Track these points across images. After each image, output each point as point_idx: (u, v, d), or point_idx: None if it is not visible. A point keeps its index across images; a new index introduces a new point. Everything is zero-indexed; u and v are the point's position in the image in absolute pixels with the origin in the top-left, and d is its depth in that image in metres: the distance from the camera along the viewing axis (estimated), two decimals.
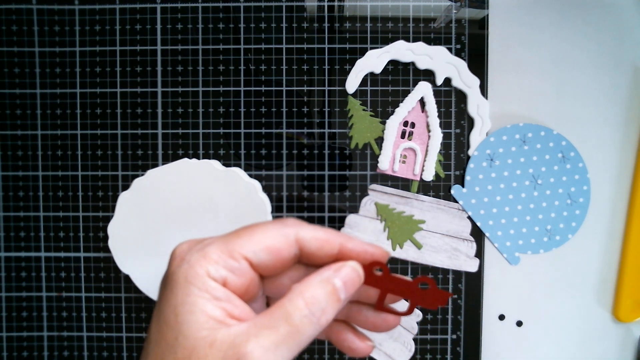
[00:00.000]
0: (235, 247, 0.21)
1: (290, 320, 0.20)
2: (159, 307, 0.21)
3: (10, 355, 0.43)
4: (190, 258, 0.21)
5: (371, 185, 0.42)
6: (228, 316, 0.20)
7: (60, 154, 0.42)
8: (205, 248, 0.21)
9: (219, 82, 0.42)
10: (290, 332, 0.20)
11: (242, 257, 0.21)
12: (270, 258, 0.22)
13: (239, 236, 0.22)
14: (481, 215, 0.42)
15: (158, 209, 0.40)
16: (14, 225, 0.43)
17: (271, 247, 0.22)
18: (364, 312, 0.25)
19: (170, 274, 0.21)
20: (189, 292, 0.20)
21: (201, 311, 0.20)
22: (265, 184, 0.42)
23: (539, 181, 0.41)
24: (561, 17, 0.42)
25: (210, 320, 0.20)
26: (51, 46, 0.42)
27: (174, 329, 0.20)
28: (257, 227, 0.22)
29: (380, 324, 0.25)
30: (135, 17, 0.42)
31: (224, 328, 0.20)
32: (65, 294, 0.43)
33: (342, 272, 0.22)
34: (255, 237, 0.22)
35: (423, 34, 0.41)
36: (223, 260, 0.21)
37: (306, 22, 0.42)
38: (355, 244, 0.23)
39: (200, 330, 0.19)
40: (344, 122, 0.42)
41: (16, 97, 0.42)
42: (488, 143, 0.42)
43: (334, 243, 0.23)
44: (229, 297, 0.21)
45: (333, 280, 0.21)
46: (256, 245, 0.22)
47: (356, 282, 0.22)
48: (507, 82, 0.42)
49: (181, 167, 0.40)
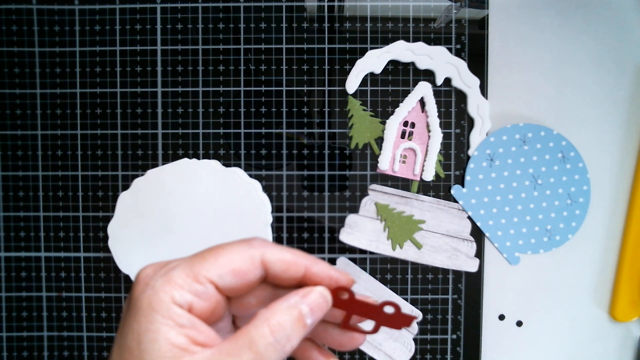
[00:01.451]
0: (201, 270, 0.21)
1: (255, 347, 0.20)
2: (122, 332, 0.21)
3: (10, 355, 0.43)
4: (155, 283, 0.21)
5: (371, 185, 0.42)
6: (192, 343, 0.20)
7: (60, 154, 0.42)
8: (170, 272, 0.21)
9: (219, 82, 0.42)
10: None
11: (207, 280, 0.21)
12: (236, 281, 0.22)
13: (204, 259, 0.22)
14: (481, 215, 0.42)
15: (158, 209, 0.40)
16: (14, 225, 0.43)
17: (237, 270, 0.22)
18: (330, 331, 0.25)
19: (134, 299, 0.21)
20: (153, 319, 0.20)
21: (164, 339, 0.19)
22: (265, 184, 0.42)
23: (539, 181, 0.41)
24: (561, 17, 0.42)
25: (174, 349, 0.19)
26: (51, 46, 0.42)
27: (137, 357, 0.19)
28: (222, 249, 0.22)
29: (346, 342, 0.25)
30: (135, 17, 0.42)
31: (188, 356, 0.19)
32: (65, 294, 0.43)
33: (309, 298, 0.22)
34: (220, 260, 0.21)
35: (423, 34, 0.41)
36: (188, 285, 0.21)
37: (306, 22, 0.42)
38: (320, 268, 0.23)
39: (162, 359, 0.19)
40: (344, 122, 0.42)
41: (16, 97, 0.42)
42: (488, 143, 0.42)
43: (300, 266, 0.23)
44: (194, 324, 0.20)
45: (300, 307, 0.21)
46: (222, 268, 0.21)
47: (323, 307, 0.22)
48: (507, 82, 0.42)
49: (181, 167, 0.40)
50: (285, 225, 0.42)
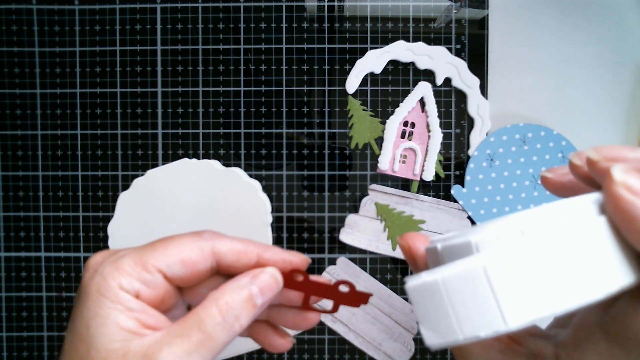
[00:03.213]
0: (150, 259, 0.21)
1: (203, 327, 0.20)
2: (72, 319, 0.21)
3: (10, 355, 0.43)
4: (103, 270, 0.21)
5: (371, 185, 0.42)
6: (142, 326, 0.20)
7: (60, 154, 0.42)
8: (119, 260, 0.21)
9: (219, 82, 0.42)
10: (203, 340, 0.20)
11: (156, 269, 0.21)
12: (185, 271, 0.22)
13: (154, 248, 0.22)
14: (481, 215, 0.42)
15: (158, 209, 0.40)
16: (14, 225, 0.43)
17: (186, 260, 0.22)
18: (284, 312, 0.25)
19: (83, 286, 0.21)
20: (101, 304, 0.20)
21: (113, 323, 0.20)
22: (265, 184, 0.42)
23: (539, 181, 0.41)
24: (561, 17, 0.42)
25: (123, 332, 0.20)
26: (51, 46, 0.42)
27: (86, 342, 0.20)
28: (173, 239, 0.22)
29: (301, 322, 0.25)
30: (135, 17, 0.42)
31: (138, 339, 0.20)
32: (65, 294, 0.43)
33: (259, 279, 0.22)
34: (169, 250, 0.22)
35: (423, 34, 0.41)
36: (136, 273, 0.21)
37: (306, 22, 0.42)
38: (272, 253, 0.23)
39: (112, 342, 0.19)
40: (344, 122, 0.42)
41: (16, 97, 0.42)
42: (488, 143, 0.42)
43: (252, 254, 0.23)
44: (143, 308, 0.21)
45: (250, 287, 0.22)
46: (170, 258, 0.22)
47: (274, 287, 0.22)
48: (507, 82, 0.42)
49: (181, 167, 0.40)
50: (285, 225, 0.42)
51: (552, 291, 0.15)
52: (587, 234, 0.15)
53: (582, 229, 0.15)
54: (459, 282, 0.15)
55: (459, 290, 0.15)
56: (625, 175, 0.15)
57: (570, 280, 0.15)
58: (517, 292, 0.15)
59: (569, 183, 0.19)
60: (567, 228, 0.15)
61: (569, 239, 0.15)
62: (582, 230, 0.15)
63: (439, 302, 0.15)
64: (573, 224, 0.15)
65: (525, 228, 0.16)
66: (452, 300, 0.15)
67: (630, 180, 0.15)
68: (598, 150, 0.17)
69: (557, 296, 0.15)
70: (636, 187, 0.15)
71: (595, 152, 0.17)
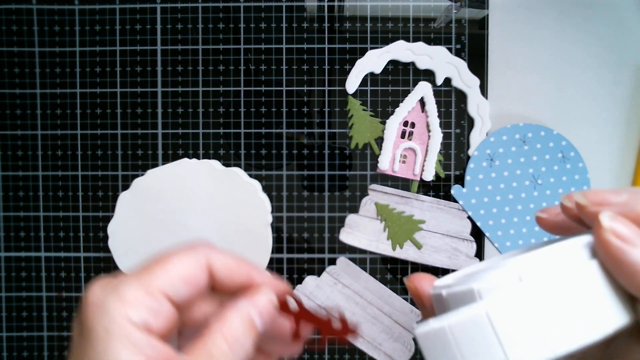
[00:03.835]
0: (152, 282, 0.20)
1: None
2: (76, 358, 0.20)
3: (10, 355, 0.43)
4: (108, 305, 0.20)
5: (371, 185, 0.42)
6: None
7: (60, 154, 0.42)
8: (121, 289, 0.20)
9: (219, 82, 0.42)
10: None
11: (160, 292, 0.20)
12: (188, 289, 0.21)
13: (151, 271, 0.21)
14: (481, 215, 0.42)
15: (158, 209, 0.40)
16: (14, 225, 0.43)
17: (188, 277, 0.21)
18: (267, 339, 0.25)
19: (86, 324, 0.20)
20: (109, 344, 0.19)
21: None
22: (265, 184, 0.42)
23: (539, 181, 0.41)
24: (561, 17, 0.42)
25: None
26: (51, 46, 0.42)
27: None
28: (168, 257, 0.22)
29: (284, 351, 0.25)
30: (135, 17, 0.42)
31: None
32: (65, 294, 0.43)
33: (258, 303, 0.22)
34: (169, 268, 0.21)
35: (423, 34, 0.41)
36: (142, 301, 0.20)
37: (306, 22, 0.42)
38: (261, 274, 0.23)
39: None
40: (344, 122, 0.42)
41: (16, 97, 0.42)
42: (488, 143, 0.42)
43: (243, 271, 0.23)
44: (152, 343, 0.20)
45: (250, 312, 0.21)
46: (172, 277, 0.21)
47: (272, 312, 0.22)
48: (507, 82, 0.42)
49: (181, 167, 0.40)
50: (285, 225, 0.42)
51: (552, 334, 0.16)
52: (581, 278, 0.17)
53: (576, 274, 0.17)
54: (464, 328, 0.16)
55: (465, 335, 0.16)
56: (612, 222, 0.17)
57: (568, 323, 0.16)
58: (519, 336, 0.16)
59: (563, 222, 0.20)
60: (561, 274, 0.17)
61: (564, 284, 0.16)
62: (576, 275, 0.17)
63: (447, 347, 0.17)
64: (567, 269, 0.17)
65: (523, 274, 0.17)
66: (460, 346, 0.16)
67: (618, 226, 0.17)
68: (586, 195, 0.18)
69: (556, 339, 0.16)
70: (623, 233, 0.16)
71: (583, 197, 0.18)
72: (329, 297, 0.42)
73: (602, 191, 0.18)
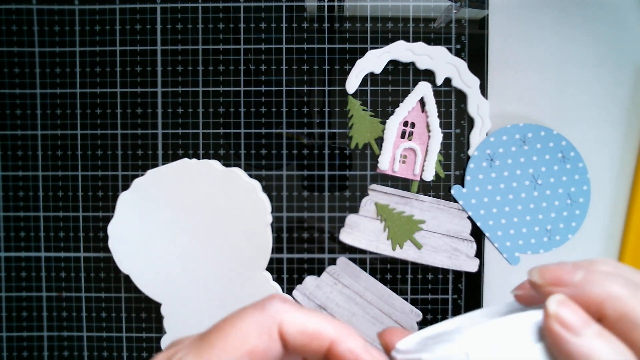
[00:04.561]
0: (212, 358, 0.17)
1: None
2: None
3: (10, 355, 0.43)
4: None
5: (371, 185, 0.42)
6: None
7: (60, 154, 0.42)
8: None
9: (219, 82, 0.42)
10: None
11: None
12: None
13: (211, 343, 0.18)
14: (481, 215, 0.42)
15: (158, 209, 0.40)
16: (14, 225, 0.43)
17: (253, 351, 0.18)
18: None
19: None
20: None
21: None
22: (265, 184, 0.42)
23: (539, 181, 0.41)
24: (561, 17, 0.42)
25: None
26: (51, 46, 0.42)
27: None
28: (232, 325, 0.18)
29: None
30: (135, 17, 0.42)
31: None
32: (65, 294, 0.43)
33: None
34: (231, 342, 0.17)
35: (423, 34, 0.41)
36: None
37: (306, 22, 0.42)
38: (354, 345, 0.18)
39: None
40: (344, 122, 0.42)
41: (16, 97, 0.42)
42: (488, 143, 0.42)
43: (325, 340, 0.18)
44: None
45: None
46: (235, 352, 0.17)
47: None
48: (507, 82, 0.42)
49: (181, 167, 0.40)
50: (285, 225, 0.42)
51: None
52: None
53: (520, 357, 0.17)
54: None
55: None
56: (559, 307, 0.16)
57: None
58: None
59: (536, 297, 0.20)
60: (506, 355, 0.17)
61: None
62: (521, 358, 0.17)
63: None
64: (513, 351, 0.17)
65: (471, 352, 0.17)
66: None
67: (564, 313, 0.16)
68: (542, 273, 0.18)
69: None
70: (569, 320, 0.16)
71: (539, 275, 0.18)
72: (329, 297, 0.42)
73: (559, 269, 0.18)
